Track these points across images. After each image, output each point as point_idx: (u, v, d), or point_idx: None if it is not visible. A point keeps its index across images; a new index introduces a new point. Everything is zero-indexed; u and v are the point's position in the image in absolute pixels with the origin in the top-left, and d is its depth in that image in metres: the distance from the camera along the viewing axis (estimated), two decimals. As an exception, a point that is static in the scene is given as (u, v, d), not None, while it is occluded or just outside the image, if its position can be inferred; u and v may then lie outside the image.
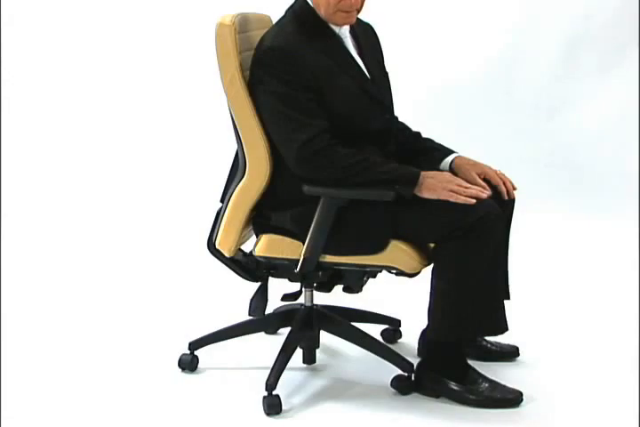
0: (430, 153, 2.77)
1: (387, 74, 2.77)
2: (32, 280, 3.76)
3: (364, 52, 2.69)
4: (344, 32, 2.63)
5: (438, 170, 2.66)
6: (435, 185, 2.50)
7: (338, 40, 2.62)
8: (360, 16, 2.73)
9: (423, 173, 2.52)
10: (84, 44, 5.12)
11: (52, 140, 5.06)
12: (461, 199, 2.47)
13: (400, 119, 2.84)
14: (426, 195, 2.50)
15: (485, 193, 2.52)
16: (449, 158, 2.73)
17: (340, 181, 2.52)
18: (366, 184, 2.52)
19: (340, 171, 2.51)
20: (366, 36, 2.75)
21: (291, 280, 2.77)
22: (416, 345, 2.99)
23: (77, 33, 5.11)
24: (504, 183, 2.70)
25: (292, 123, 2.50)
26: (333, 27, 2.61)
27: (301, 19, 2.59)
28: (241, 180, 2.66)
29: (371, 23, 2.83)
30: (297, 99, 2.50)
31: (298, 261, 2.61)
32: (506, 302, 2.70)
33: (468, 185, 2.53)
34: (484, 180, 2.66)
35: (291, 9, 2.63)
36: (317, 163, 2.50)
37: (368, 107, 2.63)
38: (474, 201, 2.48)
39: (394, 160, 2.62)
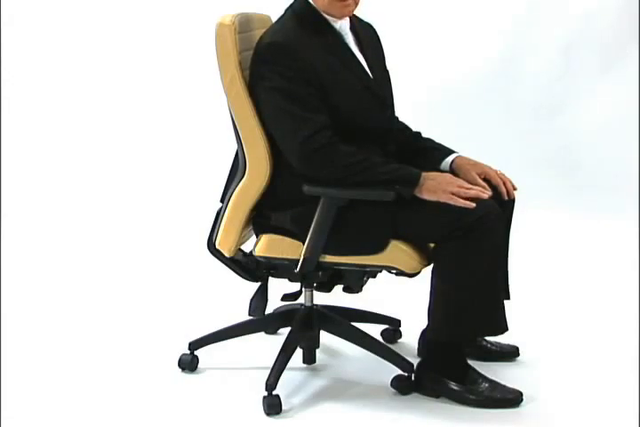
0: (430, 153, 2.77)
1: (388, 73, 2.77)
2: (32, 280, 3.76)
3: (365, 49, 2.68)
4: (344, 28, 2.63)
5: (438, 170, 2.66)
6: (435, 187, 2.50)
7: (339, 36, 2.62)
8: (360, 16, 2.74)
9: (424, 174, 2.52)
10: (84, 44, 5.12)
11: (52, 141, 5.06)
12: (460, 203, 2.47)
13: (400, 119, 2.84)
14: (426, 196, 2.50)
15: (486, 193, 2.52)
16: (449, 158, 2.73)
17: (340, 180, 2.52)
18: (366, 184, 2.52)
19: (340, 169, 2.50)
20: (367, 35, 2.75)
21: (291, 280, 2.77)
22: (416, 345, 2.99)
23: (77, 33, 5.12)
24: (504, 183, 2.70)
25: (293, 118, 2.49)
26: (333, 23, 2.60)
27: (301, 16, 2.58)
28: (241, 180, 2.65)
29: (371, 23, 2.83)
30: (298, 94, 2.49)
31: (298, 261, 2.61)
32: (506, 302, 2.70)
33: (469, 186, 2.53)
34: (485, 180, 2.66)
35: (290, 8, 2.63)
36: (318, 160, 2.50)
37: (369, 104, 2.62)
38: (474, 205, 2.47)
39: (394, 160, 2.62)
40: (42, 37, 5.11)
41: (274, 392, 2.64)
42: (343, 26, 2.63)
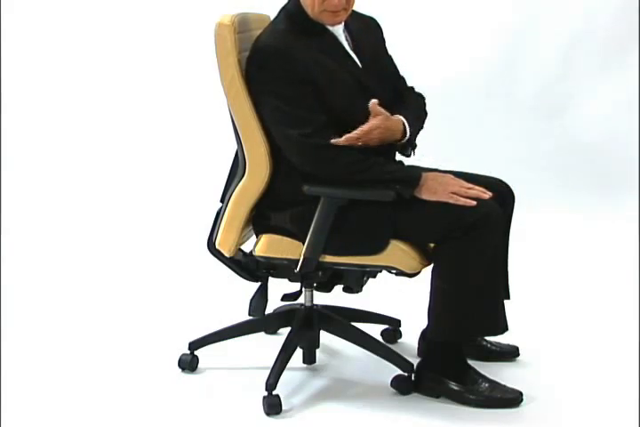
0: None
1: (392, 62, 2.76)
2: (32, 280, 3.76)
3: (360, 48, 2.67)
4: (337, 29, 2.62)
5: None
6: (436, 187, 2.50)
7: (331, 37, 2.61)
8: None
9: (424, 174, 2.52)
10: (85, 44, 5.12)
11: (53, 141, 5.05)
12: (461, 201, 2.48)
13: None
14: (425, 196, 2.50)
15: (487, 194, 2.52)
16: None
17: (341, 179, 2.51)
18: (367, 183, 2.51)
19: (341, 168, 2.50)
20: (366, 32, 2.73)
21: (291, 280, 2.77)
22: (416, 345, 2.99)
23: (78, 33, 5.11)
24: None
25: (292, 119, 2.50)
26: (326, 24, 2.60)
27: (294, 17, 2.58)
28: (241, 179, 2.66)
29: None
30: (294, 95, 2.49)
31: (298, 261, 2.61)
32: (506, 301, 2.70)
33: (470, 186, 2.53)
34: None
35: (284, 8, 2.63)
36: (319, 158, 2.50)
37: (365, 103, 2.61)
38: (474, 203, 2.48)
39: (388, 156, 2.62)
40: (42, 38, 5.11)
41: (274, 392, 2.64)
42: (336, 26, 2.62)
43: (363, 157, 2.51)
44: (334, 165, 2.50)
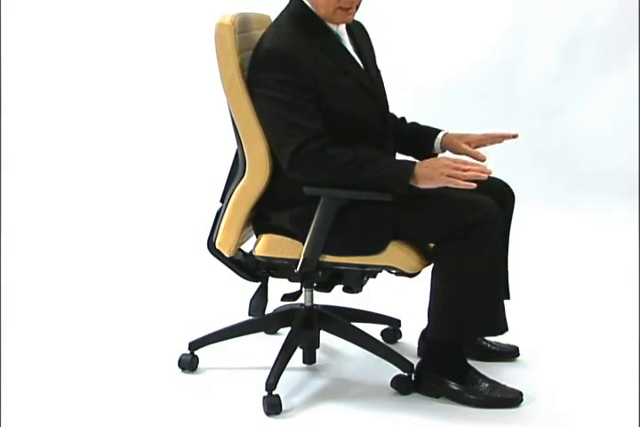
0: (419, 141, 2.77)
1: (379, 71, 2.77)
2: (32, 280, 3.76)
3: (362, 50, 2.68)
4: (341, 30, 2.62)
5: (434, 155, 2.67)
6: (431, 173, 2.44)
7: (336, 39, 2.61)
8: (360, 15, 2.73)
9: (417, 164, 2.48)
10: (85, 44, 5.12)
11: (53, 141, 5.06)
12: (462, 185, 2.40)
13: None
14: (423, 185, 2.45)
15: (485, 174, 2.44)
16: (437, 142, 2.74)
17: (332, 182, 2.50)
18: (360, 183, 2.49)
19: (327, 173, 2.48)
20: (362, 34, 2.75)
21: (291, 280, 2.77)
22: (416, 345, 2.99)
23: (78, 33, 5.11)
24: (494, 139, 2.79)
25: (287, 126, 2.49)
26: (331, 25, 2.60)
27: (298, 19, 2.58)
28: (241, 180, 2.66)
29: (372, 23, 2.82)
30: (294, 102, 2.48)
31: (298, 261, 2.61)
32: (506, 301, 2.70)
33: (467, 167, 2.44)
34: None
35: (287, 9, 2.62)
36: (307, 167, 2.49)
37: (368, 105, 2.62)
38: (474, 185, 2.40)
39: (389, 155, 2.62)
40: (42, 38, 5.11)
41: (274, 392, 2.64)
42: (341, 27, 2.62)
43: (349, 160, 2.47)
44: (321, 172, 2.48)
